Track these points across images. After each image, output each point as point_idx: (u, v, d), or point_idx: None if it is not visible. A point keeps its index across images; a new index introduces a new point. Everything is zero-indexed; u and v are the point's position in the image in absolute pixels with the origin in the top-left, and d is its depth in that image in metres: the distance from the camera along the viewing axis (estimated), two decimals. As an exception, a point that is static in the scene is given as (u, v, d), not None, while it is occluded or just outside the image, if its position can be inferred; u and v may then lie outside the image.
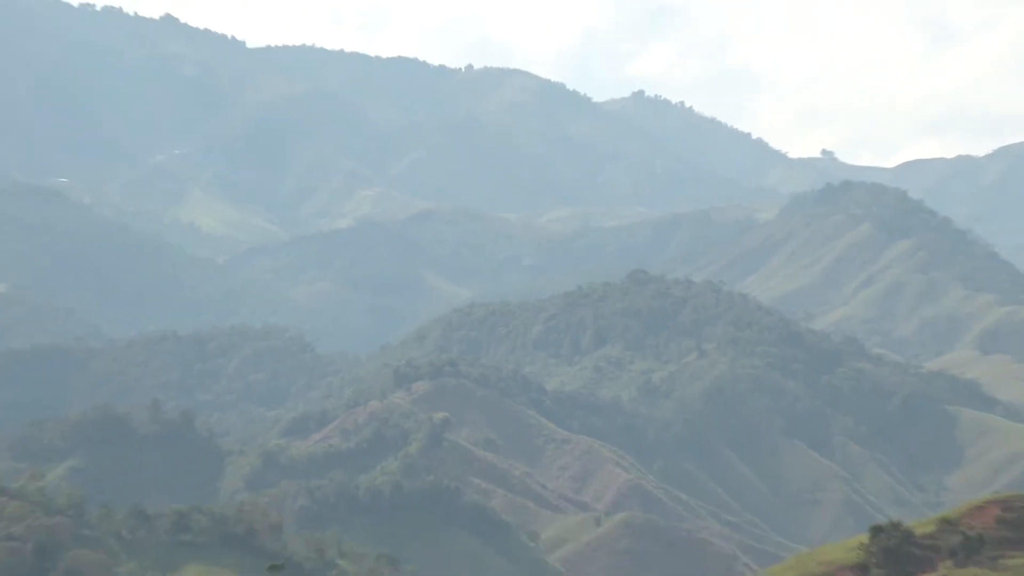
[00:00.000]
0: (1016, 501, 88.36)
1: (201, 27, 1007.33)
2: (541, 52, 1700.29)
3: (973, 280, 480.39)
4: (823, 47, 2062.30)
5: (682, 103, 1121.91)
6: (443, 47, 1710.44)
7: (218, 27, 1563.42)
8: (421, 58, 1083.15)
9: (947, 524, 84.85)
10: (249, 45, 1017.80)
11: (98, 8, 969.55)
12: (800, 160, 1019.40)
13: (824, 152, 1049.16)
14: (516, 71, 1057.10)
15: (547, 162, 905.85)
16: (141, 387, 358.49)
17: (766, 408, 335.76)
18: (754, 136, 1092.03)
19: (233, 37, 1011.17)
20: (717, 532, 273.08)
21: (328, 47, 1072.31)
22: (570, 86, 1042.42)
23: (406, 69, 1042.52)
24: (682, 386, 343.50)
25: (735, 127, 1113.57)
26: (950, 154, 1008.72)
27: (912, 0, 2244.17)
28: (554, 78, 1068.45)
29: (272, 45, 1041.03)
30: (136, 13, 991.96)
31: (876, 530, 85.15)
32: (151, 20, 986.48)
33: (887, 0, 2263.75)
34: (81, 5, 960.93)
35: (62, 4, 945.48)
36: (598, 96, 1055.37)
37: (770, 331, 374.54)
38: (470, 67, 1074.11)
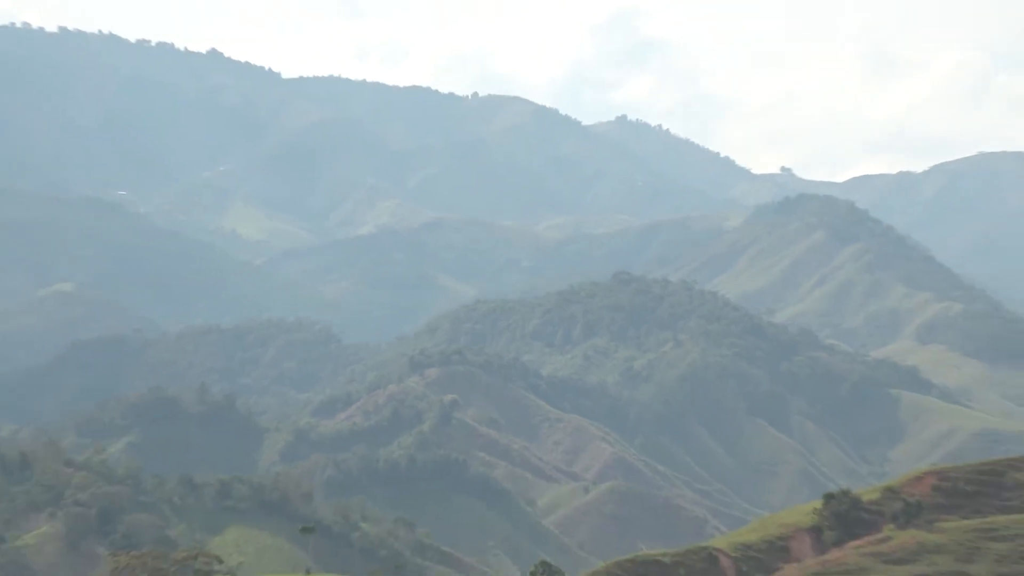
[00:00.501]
0: (950, 472, 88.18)
1: (242, 60, 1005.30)
2: (537, 81, 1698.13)
3: (913, 280, 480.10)
4: (782, 77, 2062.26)
5: (660, 126, 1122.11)
6: (452, 77, 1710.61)
7: (257, 60, 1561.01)
8: (433, 87, 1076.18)
9: (890, 492, 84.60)
10: (284, 76, 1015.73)
11: (152, 44, 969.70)
12: (762, 176, 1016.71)
13: (783, 169, 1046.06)
14: (515, 98, 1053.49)
15: (543, 177, 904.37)
16: (189, 373, 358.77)
17: (733, 391, 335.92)
18: (722, 155, 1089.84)
19: (270, 69, 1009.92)
20: (690, 499, 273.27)
21: (353, 78, 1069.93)
22: (563, 111, 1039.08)
23: (420, 97, 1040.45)
24: (660, 372, 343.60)
25: (706, 147, 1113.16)
26: (893, 170, 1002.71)
27: (859, 36, 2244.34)
28: (549, 104, 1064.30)
29: (304, 76, 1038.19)
30: (186, 48, 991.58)
31: (828, 497, 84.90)
32: (199, 54, 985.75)
33: (838, 36, 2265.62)
34: (138, 42, 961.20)
35: (122, 41, 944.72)
36: (587, 120, 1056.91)
37: (736, 324, 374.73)
38: (475, 95, 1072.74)
